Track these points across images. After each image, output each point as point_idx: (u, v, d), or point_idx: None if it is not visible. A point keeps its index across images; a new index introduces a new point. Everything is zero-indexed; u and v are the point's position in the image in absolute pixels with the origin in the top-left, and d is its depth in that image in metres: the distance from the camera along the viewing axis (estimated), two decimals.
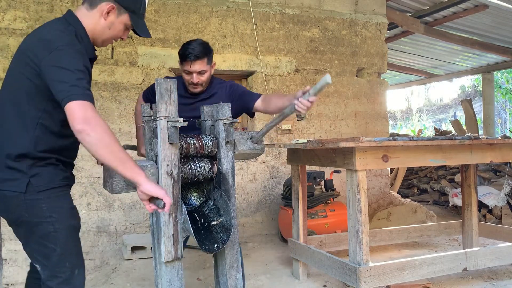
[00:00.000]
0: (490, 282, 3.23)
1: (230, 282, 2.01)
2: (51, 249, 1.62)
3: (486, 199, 5.21)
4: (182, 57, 2.28)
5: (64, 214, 1.65)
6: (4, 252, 3.69)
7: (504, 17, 6.49)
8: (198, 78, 2.28)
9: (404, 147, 2.81)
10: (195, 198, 2.06)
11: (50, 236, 1.61)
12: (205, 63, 2.27)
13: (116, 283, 3.43)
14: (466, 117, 8.05)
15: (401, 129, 19.22)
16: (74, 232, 1.71)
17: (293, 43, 5.07)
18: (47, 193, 1.61)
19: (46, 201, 1.60)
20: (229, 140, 2.00)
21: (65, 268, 1.65)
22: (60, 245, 1.62)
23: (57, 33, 1.60)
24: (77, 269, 1.69)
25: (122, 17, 1.74)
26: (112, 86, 4.22)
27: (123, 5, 1.73)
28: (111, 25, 1.74)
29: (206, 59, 2.27)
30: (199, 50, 2.24)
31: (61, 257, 1.63)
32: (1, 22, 3.89)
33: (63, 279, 1.64)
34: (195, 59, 2.23)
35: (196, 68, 2.25)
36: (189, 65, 2.25)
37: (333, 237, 3.69)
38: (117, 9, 1.72)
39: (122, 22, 1.75)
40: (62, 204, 1.66)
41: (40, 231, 1.61)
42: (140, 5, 1.77)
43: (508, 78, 14.88)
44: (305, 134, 5.11)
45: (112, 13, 1.72)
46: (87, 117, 1.43)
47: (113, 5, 1.71)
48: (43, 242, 1.62)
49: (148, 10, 4.37)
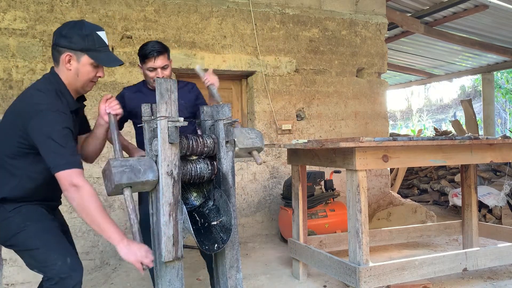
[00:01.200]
0: (490, 282, 3.23)
1: (230, 282, 2.01)
2: (35, 250, 1.76)
3: (486, 199, 5.21)
4: (144, 56, 2.44)
5: (36, 218, 1.80)
6: (4, 252, 3.69)
7: (504, 17, 6.49)
8: (163, 73, 2.45)
9: (404, 147, 2.81)
10: (195, 198, 2.06)
11: (29, 240, 1.76)
12: (166, 58, 2.47)
13: (116, 283, 3.43)
14: (466, 117, 8.05)
15: (401, 129, 19.22)
16: (52, 229, 1.83)
17: (293, 43, 5.07)
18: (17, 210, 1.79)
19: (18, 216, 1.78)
20: (229, 139, 2.00)
21: (54, 259, 1.74)
22: (42, 243, 1.76)
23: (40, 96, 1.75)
24: (68, 257, 1.78)
25: (82, 59, 1.83)
26: (112, 86, 4.22)
27: (77, 49, 1.81)
28: (77, 71, 1.83)
29: (166, 54, 2.48)
30: (159, 47, 2.44)
31: (46, 252, 1.75)
32: (1, 22, 3.89)
33: (57, 270, 1.73)
34: (158, 55, 2.42)
35: (159, 63, 2.43)
36: (152, 61, 2.42)
37: (333, 237, 3.69)
38: (74, 54, 1.81)
39: (85, 64, 1.83)
40: (34, 212, 1.82)
41: (20, 240, 1.78)
42: (93, 41, 1.83)
43: (508, 78, 14.88)
44: (305, 134, 5.11)
45: (72, 60, 1.82)
46: (72, 185, 1.67)
47: (69, 54, 1.81)
48: (26, 248, 1.78)
49: (148, 10, 4.37)
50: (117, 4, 4.25)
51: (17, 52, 3.91)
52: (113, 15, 4.23)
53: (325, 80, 5.25)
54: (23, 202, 1.81)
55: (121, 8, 4.27)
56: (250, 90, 4.99)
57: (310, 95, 5.16)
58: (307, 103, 5.15)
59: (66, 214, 3.91)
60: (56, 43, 1.83)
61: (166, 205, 1.78)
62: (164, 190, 1.78)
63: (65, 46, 1.80)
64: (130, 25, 4.31)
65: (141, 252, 1.72)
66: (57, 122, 1.70)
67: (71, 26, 1.84)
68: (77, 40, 1.80)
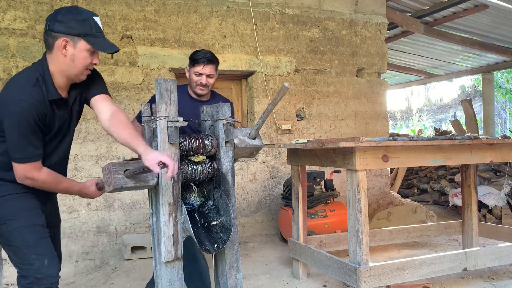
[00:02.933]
0: (490, 282, 3.23)
1: (230, 282, 2.01)
2: (15, 247, 1.77)
3: (486, 199, 5.21)
4: (195, 60, 2.54)
5: (20, 214, 1.79)
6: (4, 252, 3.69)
7: (504, 17, 6.49)
8: (207, 80, 2.53)
9: (404, 147, 2.81)
10: (195, 198, 2.06)
11: (10, 235, 1.77)
12: (214, 68, 2.56)
13: (116, 283, 3.43)
14: (466, 117, 8.05)
15: (401, 129, 19.21)
16: (34, 228, 1.81)
17: (293, 43, 5.07)
18: (3, 199, 1.79)
19: (2, 207, 1.78)
20: (228, 139, 2.00)
21: (32, 259, 1.75)
22: (21, 241, 1.76)
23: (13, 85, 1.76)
24: (46, 259, 1.77)
25: (79, 45, 1.78)
26: (112, 86, 4.22)
27: (74, 34, 1.76)
28: (73, 57, 1.78)
29: (215, 65, 2.57)
30: (211, 56, 2.55)
31: (25, 252, 1.76)
32: (1, 22, 3.89)
33: (33, 270, 1.74)
34: (208, 63, 2.52)
35: (207, 71, 2.52)
36: (201, 67, 2.51)
37: (333, 237, 3.69)
38: (71, 39, 1.76)
39: (82, 50, 1.78)
40: (20, 205, 1.80)
41: (2, 232, 1.78)
42: (90, 26, 1.79)
43: (508, 78, 14.88)
44: (305, 134, 5.11)
45: (68, 45, 1.77)
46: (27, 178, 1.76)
47: (65, 39, 1.76)
48: (7, 242, 1.79)
49: (148, 10, 4.37)
50: (117, 4, 4.25)
51: (17, 52, 3.91)
52: (113, 15, 4.23)
53: (325, 80, 5.25)
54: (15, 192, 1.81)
55: (121, 8, 4.26)
56: (250, 90, 4.99)
57: (310, 95, 5.16)
58: (307, 103, 5.15)
59: (66, 214, 3.92)
60: (51, 29, 1.76)
61: (166, 205, 1.78)
62: (164, 190, 1.78)
63: (61, 31, 1.74)
64: (130, 25, 4.30)
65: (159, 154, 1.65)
66: (22, 112, 1.68)
67: (66, 11, 1.79)
68: (74, 24, 1.75)
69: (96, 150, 4.17)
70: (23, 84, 1.74)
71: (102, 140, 4.18)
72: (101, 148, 4.18)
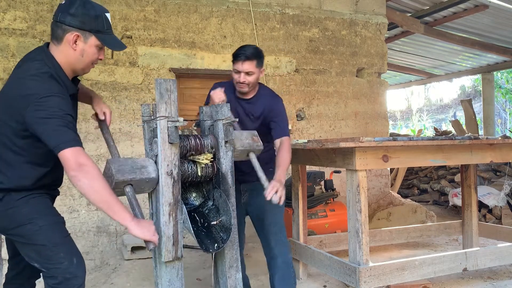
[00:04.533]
0: (490, 282, 3.23)
1: (229, 282, 2.00)
2: (41, 246, 1.71)
3: (486, 199, 5.21)
4: (234, 57, 2.44)
5: (44, 212, 1.75)
6: (4, 252, 3.69)
7: (504, 17, 6.49)
8: (245, 78, 2.40)
9: (404, 147, 2.81)
10: (194, 198, 2.06)
11: (35, 234, 1.71)
12: (254, 65, 2.40)
13: (116, 283, 3.43)
14: (466, 117, 8.06)
15: (401, 129, 19.21)
16: (59, 225, 1.79)
17: (293, 43, 5.07)
18: (25, 199, 1.72)
19: (25, 206, 1.72)
20: (228, 139, 2.00)
21: (61, 258, 1.71)
22: (49, 240, 1.71)
23: (36, 83, 1.65)
24: (75, 257, 1.75)
25: (89, 40, 1.76)
26: (112, 86, 4.22)
27: (86, 29, 1.73)
28: (82, 52, 1.76)
29: (256, 61, 2.40)
30: (250, 52, 2.40)
31: (54, 250, 1.71)
32: (1, 22, 3.89)
33: (62, 269, 1.70)
34: (245, 60, 2.38)
35: (244, 68, 2.38)
36: (239, 64, 2.40)
37: (333, 237, 3.69)
38: (82, 35, 1.73)
39: (92, 45, 1.77)
40: (42, 204, 1.77)
41: (25, 232, 1.71)
42: (102, 23, 1.77)
43: (508, 78, 14.88)
44: (305, 134, 5.11)
45: (79, 40, 1.74)
46: (79, 164, 1.55)
47: (77, 34, 1.72)
48: (30, 242, 1.73)
49: (148, 10, 4.37)
50: (117, 4, 4.25)
51: (17, 52, 3.91)
52: (113, 15, 4.23)
53: (325, 80, 5.25)
54: (30, 191, 1.75)
55: (121, 8, 4.27)
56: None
57: (310, 95, 5.16)
58: (307, 103, 5.14)
59: (66, 214, 3.92)
60: (61, 21, 1.72)
61: (166, 205, 1.78)
62: (164, 190, 1.78)
63: (74, 25, 1.71)
64: (130, 25, 4.31)
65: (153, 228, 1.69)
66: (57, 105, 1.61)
67: (79, 5, 1.74)
68: (87, 20, 1.72)
69: (96, 150, 4.17)
70: (42, 81, 1.66)
71: (102, 140, 4.14)
72: (101, 148, 4.18)
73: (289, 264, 2.50)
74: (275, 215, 2.51)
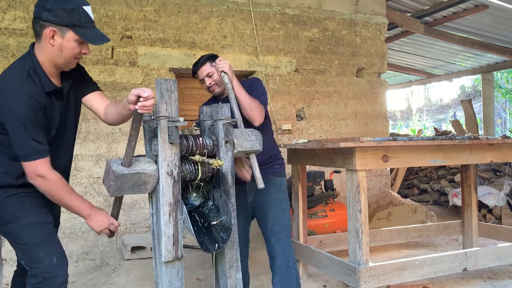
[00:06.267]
0: (490, 282, 3.23)
1: (229, 282, 2.00)
2: (23, 245, 1.76)
3: (486, 199, 5.21)
4: (193, 73, 2.59)
5: (29, 211, 1.78)
6: (4, 252, 3.69)
7: (504, 17, 6.49)
8: (210, 80, 2.52)
9: (404, 147, 2.81)
10: (195, 198, 2.06)
11: (19, 233, 1.75)
12: (208, 66, 2.52)
13: (116, 283, 3.43)
14: (466, 117, 8.06)
15: (401, 129, 19.21)
16: (43, 225, 1.80)
17: (293, 43, 5.07)
18: (11, 198, 1.77)
19: (11, 205, 1.76)
20: (228, 139, 2.00)
21: (41, 257, 1.73)
22: (30, 239, 1.75)
23: (8, 79, 1.72)
24: (55, 257, 1.76)
25: (67, 35, 1.73)
26: (112, 86, 4.22)
27: (62, 24, 1.71)
28: (61, 47, 1.74)
29: (208, 63, 2.53)
30: (200, 60, 2.56)
31: (34, 250, 1.74)
32: (1, 22, 3.89)
33: (42, 269, 1.72)
34: (200, 67, 2.53)
35: (203, 73, 2.52)
36: (198, 74, 2.55)
37: (333, 237, 3.69)
38: (59, 30, 1.72)
39: (70, 40, 1.74)
40: (28, 203, 1.79)
41: (11, 230, 1.78)
42: (79, 16, 1.73)
43: (508, 78, 14.88)
44: (305, 134, 5.11)
45: (56, 35, 1.72)
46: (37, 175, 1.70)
47: (53, 29, 1.71)
48: (15, 241, 1.78)
49: (148, 10, 4.37)
50: (117, 4, 4.25)
51: (17, 52, 3.91)
52: (113, 15, 4.22)
53: (325, 80, 5.25)
54: (16, 188, 1.77)
55: (121, 8, 4.26)
56: None
57: (310, 95, 5.16)
58: (307, 103, 5.14)
59: (66, 214, 3.92)
60: (38, 17, 1.71)
61: (166, 205, 1.78)
62: (164, 190, 1.78)
63: (49, 20, 1.69)
64: (130, 25, 4.30)
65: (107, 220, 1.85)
66: (23, 106, 1.64)
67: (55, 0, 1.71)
68: (62, 14, 1.69)
69: (96, 150, 4.17)
70: (15, 78, 1.69)
71: (102, 140, 4.18)
72: (101, 148, 4.18)
73: (290, 266, 2.47)
74: (278, 214, 2.51)
